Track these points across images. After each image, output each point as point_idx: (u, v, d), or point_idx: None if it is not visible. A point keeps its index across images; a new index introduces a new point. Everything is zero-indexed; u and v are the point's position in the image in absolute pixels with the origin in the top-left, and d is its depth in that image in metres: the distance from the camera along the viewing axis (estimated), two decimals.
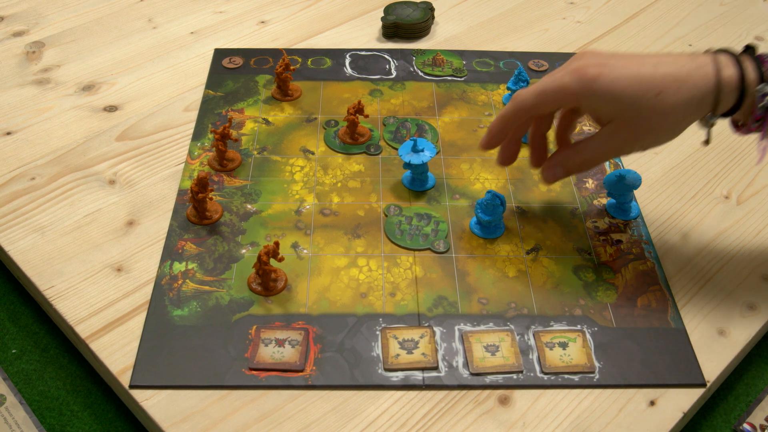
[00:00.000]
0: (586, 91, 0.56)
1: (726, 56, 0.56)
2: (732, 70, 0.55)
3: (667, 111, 0.55)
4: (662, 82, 0.54)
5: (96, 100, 0.82)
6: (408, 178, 0.71)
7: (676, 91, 0.54)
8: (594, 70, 0.56)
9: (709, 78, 0.54)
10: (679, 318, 0.60)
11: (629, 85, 0.55)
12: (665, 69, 0.55)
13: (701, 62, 0.55)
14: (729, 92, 0.55)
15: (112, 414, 0.59)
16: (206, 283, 0.62)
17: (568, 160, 0.61)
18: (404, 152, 0.69)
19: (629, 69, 0.55)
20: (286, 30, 0.94)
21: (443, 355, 0.57)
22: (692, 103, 0.55)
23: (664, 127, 0.56)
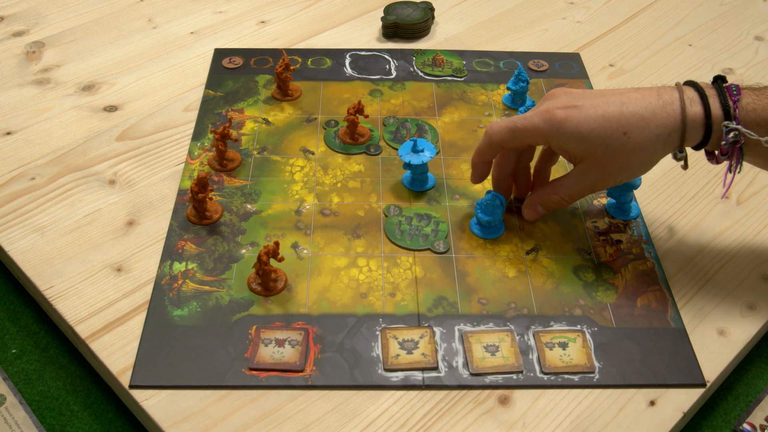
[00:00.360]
0: (555, 132, 0.59)
1: (692, 92, 0.57)
2: (698, 107, 0.56)
3: (635, 149, 0.57)
4: (628, 121, 0.56)
5: (96, 100, 0.82)
6: (408, 179, 0.71)
7: (643, 129, 0.56)
8: (562, 113, 0.58)
9: (675, 116, 0.56)
10: (679, 318, 0.60)
11: (597, 126, 0.57)
12: (632, 108, 0.57)
13: (667, 99, 0.56)
14: (695, 129, 0.56)
15: (112, 414, 0.59)
16: (206, 283, 0.62)
17: (545, 198, 0.64)
18: (404, 152, 0.69)
19: (596, 110, 0.57)
20: (286, 30, 0.94)
21: (443, 356, 0.57)
22: (659, 141, 0.57)
23: (633, 163, 0.58)
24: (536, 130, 0.59)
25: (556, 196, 0.63)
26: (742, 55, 0.91)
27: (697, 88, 0.57)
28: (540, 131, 0.59)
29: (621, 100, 0.57)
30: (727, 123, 0.55)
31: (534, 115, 0.60)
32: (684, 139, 0.57)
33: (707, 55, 0.91)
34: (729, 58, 0.91)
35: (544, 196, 0.64)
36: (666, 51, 0.92)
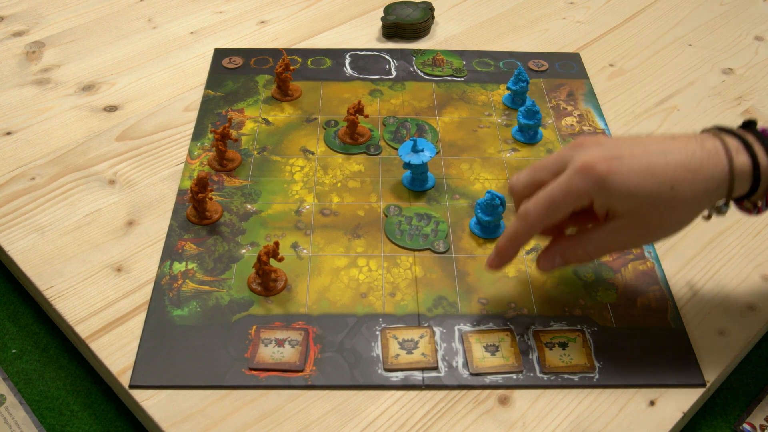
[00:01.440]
0: (599, 190, 0.51)
1: (734, 140, 0.52)
2: (744, 156, 0.51)
3: (682, 203, 0.52)
4: (675, 173, 0.51)
5: (96, 100, 0.82)
6: (408, 178, 0.71)
7: (691, 182, 0.51)
8: (603, 165, 0.51)
9: (722, 167, 0.51)
10: (679, 318, 0.60)
11: (643, 180, 0.51)
12: (676, 158, 0.51)
13: (711, 149, 0.52)
14: (743, 180, 0.52)
15: (112, 414, 0.59)
16: (206, 283, 0.62)
17: (568, 252, 0.56)
18: (404, 152, 0.69)
19: (640, 161, 0.51)
20: (286, 30, 0.94)
21: (443, 356, 0.57)
22: (707, 193, 0.52)
23: (677, 219, 0.53)
24: (578, 193, 0.52)
25: (582, 251, 0.55)
26: (742, 55, 0.91)
27: (736, 134, 0.53)
28: (583, 193, 0.52)
29: (662, 150, 0.52)
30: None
31: (571, 177, 0.52)
32: (731, 191, 0.52)
33: (707, 55, 0.91)
34: (729, 58, 0.91)
35: (568, 249, 0.56)
36: (666, 51, 0.92)
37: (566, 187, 0.52)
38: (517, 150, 0.76)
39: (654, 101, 0.84)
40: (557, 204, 0.53)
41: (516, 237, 0.56)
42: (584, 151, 0.53)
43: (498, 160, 0.75)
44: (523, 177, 0.56)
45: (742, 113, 0.82)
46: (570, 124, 0.79)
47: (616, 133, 0.78)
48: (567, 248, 0.56)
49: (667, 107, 0.83)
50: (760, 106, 0.83)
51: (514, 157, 0.75)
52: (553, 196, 0.53)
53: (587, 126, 0.79)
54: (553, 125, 0.79)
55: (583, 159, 0.52)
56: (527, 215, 0.54)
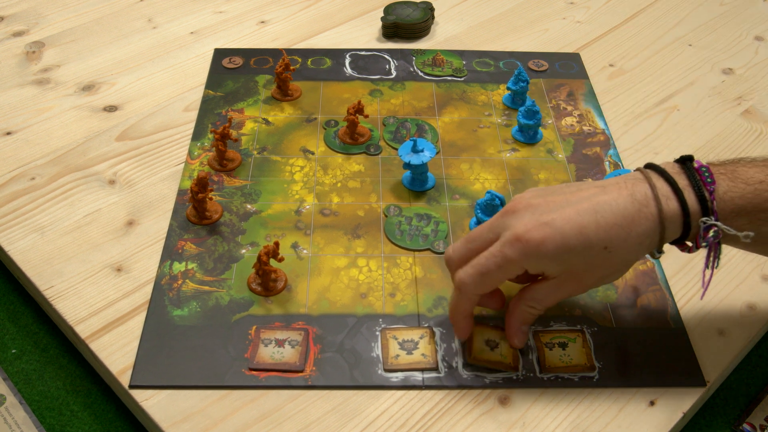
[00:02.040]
0: (532, 259, 0.52)
1: (664, 184, 0.52)
2: (673, 203, 0.51)
3: (615, 259, 0.52)
4: (607, 234, 0.51)
5: (96, 100, 0.82)
6: (408, 179, 0.71)
7: (624, 240, 0.51)
8: (535, 234, 0.51)
9: (653, 219, 0.51)
10: (679, 318, 0.60)
11: (576, 244, 0.51)
12: (607, 217, 0.51)
13: (641, 199, 0.51)
14: (673, 229, 0.52)
15: (112, 414, 0.59)
16: (206, 283, 0.62)
17: (524, 316, 0.56)
18: (404, 152, 0.69)
19: (571, 224, 0.51)
20: (286, 30, 0.94)
21: (443, 356, 0.57)
22: (640, 247, 0.52)
23: (612, 272, 0.54)
24: (511, 263, 0.52)
25: (534, 311, 0.56)
26: (742, 55, 0.91)
27: (667, 177, 0.52)
28: (516, 263, 0.52)
29: (593, 207, 0.51)
30: (705, 219, 0.51)
31: (503, 248, 0.52)
32: (663, 240, 0.52)
33: (707, 55, 0.91)
34: (729, 58, 0.91)
35: (523, 315, 0.56)
36: (666, 51, 0.92)
37: (499, 258, 0.52)
38: (517, 150, 0.76)
39: (654, 101, 0.84)
40: (491, 274, 0.53)
41: (457, 307, 0.56)
42: (516, 220, 0.52)
43: (498, 160, 0.74)
44: (459, 248, 0.55)
45: (742, 113, 0.82)
46: (570, 124, 0.79)
47: (616, 134, 0.78)
48: (521, 314, 0.56)
49: (667, 107, 0.83)
50: (760, 106, 0.83)
51: (514, 157, 0.75)
52: (487, 267, 0.53)
53: (587, 126, 0.79)
54: (553, 125, 0.79)
55: (515, 230, 0.52)
56: (463, 286, 0.54)
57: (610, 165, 0.74)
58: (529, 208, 0.53)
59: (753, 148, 0.77)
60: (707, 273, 0.54)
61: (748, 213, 0.51)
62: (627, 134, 0.79)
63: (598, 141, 0.77)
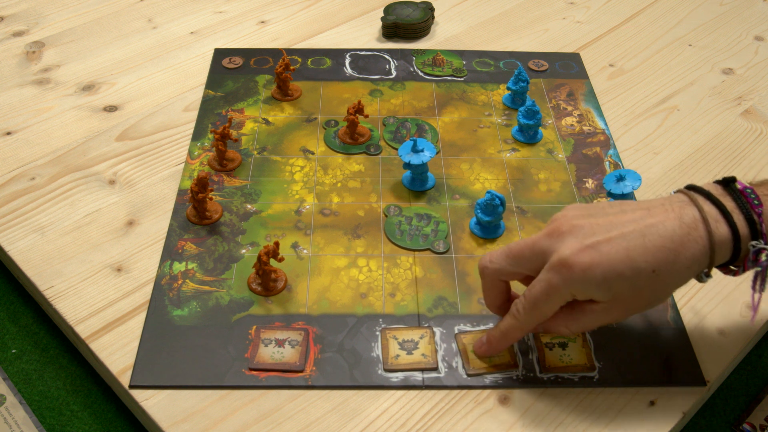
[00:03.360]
0: (579, 285, 0.50)
1: (712, 207, 0.51)
2: (723, 227, 0.50)
3: (664, 284, 0.51)
4: (656, 258, 0.50)
5: (96, 100, 0.82)
6: (408, 178, 0.71)
7: (672, 263, 0.50)
8: (580, 259, 0.50)
9: (702, 243, 0.50)
10: (679, 318, 0.60)
11: (624, 269, 0.50)
12: (655, 240, 0.50)
13: (690, 223, 0.50)
14: (722, 252, 0.51)
15: (112, 414, 0.59)
16: (206, 283, 0.62)
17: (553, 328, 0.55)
18: (404, 152, 0.69)
19: (617, 249, 0.50)
20: (286, 30, 0.94)
21: (443, 356, 0.57)
22: (689, 270, 0.51)
23: (661, 295, 0.53)
24: (561, 292, 0.51)
25: (566, 330, 0.54)
26: (742, 55, 0.91)
27: (714, 200, 0.51)
28: (565, 291, 0.51)
29: (640, 231, 0.50)
30: (755, 243, 0.50)
31: (549, 275, 0.51)
32: (713, 262, 0.51)
33: (707, 55, 0.91)
34: (729, 58, 0.91)
35: (554, 326, 0.55)
36: (666, 51, 0.92)
37: (546, 287, 0.51)
38: (517, 150, 0.76)
39: (654, 101, 0.84)
40: (541, 305, 0.52)
41: (507, 334, 0.55)
42: (560, 243, 0.51)
43: (498, 160, 0.75)
44: (497, 261, 0.55)
45: (742, 113, 0.82)
46: (570, 123, 0.79)
47: (616, 134, 0.78)
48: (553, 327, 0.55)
49: (667, 107, 0.83)
50: (760, 106, 0.83)
51: (514, 157, 0.75)
52: (536, 298, 0.52)
53: (587, 126, 0.79)
54: (553, 125, 0.79)
55: (560, 255, 0.51)
56: (517, 315, 0.54)
57: (610, 165, 0.74)
58: (573, 231, 0.51)
59: (753, 148, 0.77)
60: (756, 296, 0.53)
61: None
62: (627, 134, 0.79)
63: (598, 141, 0.77)
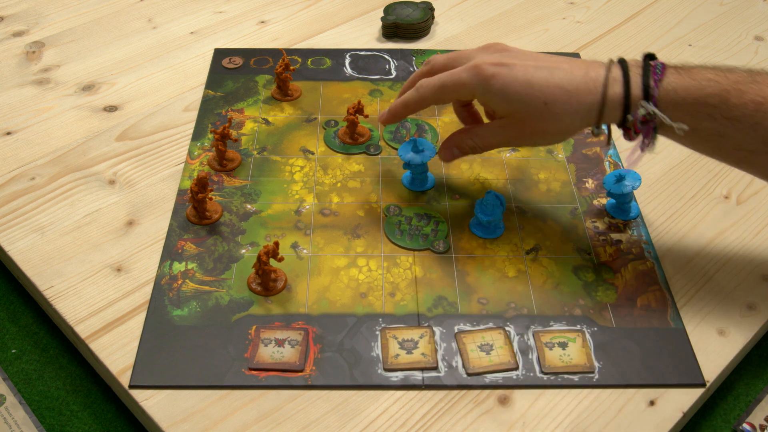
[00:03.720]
0: (481, 88, 0.59)
1: (618, 70, 0.57)
2: (618, 87, 0.56)
3: (553, 119, 0.58)
4: (551, 92, 0.57)
5: (96, 100, 0.82)
6: (408, 178, 0.71)
7: (564, 102, 0.57)
8: (491, 69, 0.58)
9: (596, 94, 0.57)
10: (679, 318, 0.60)
11: (521, 89, 0.58)
12: (557, 79, 0.57)
13: (593, 76, 0.57)
14: (613, 108, 0.57)
15: (112, 414, 0.59)
16: (206, 283, 0.62)
17: (462, 143, 0.65)
18: (404, 152, 0.69)
19: (524, 73, 0.58)
20: (286, 30, 0.94)
21: (443, 355, 0.57)
22: (577, 115, 0.58)
23: (549, 131, 0.60)
24: (464, 86, 0.60)
25: (471, 142, 0.64)
26: (742, 55, 0.91)
27: (624, 66, 0.57)
28: (467, 87, 0.60)
29: (550, 68, 0.58)
30: (643, 103, 0.55)
31: (463, 71, 0.60)
32: (601, 117, 0.57)
33: (707, 55, 0.91)
34: (729, 58, 0.91)
35: (461, 141, 0.64)
36: (666, 51, 0.92)
37: (456, 77, 0.60)
38: (517, 150, 0.76)
39: None
40: (446, 88, 0.61)
41: (408, 103, 0.65)
42: (483, 54, 0.61)
43: (498, 160, 0.74)
44: (441, 59, 0.64)
45: None
46: None
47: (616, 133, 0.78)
48: (460, 139, 0.65)
49: None
50: None
51: (514, 156, 0.75)
52: (444, 81, 0.61)
53: None
54: None
55: (477, 60, 0.60)
56: (421, 87, 0.63)
57: (610, 165, 0.74)
58: (500, 51, 0.61)
59: None
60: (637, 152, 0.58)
61: (688, 105, 0.55)
62: None
63: (598, 141, 0.77)
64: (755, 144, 0.55)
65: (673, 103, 0.55)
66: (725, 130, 0.55)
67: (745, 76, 0.54)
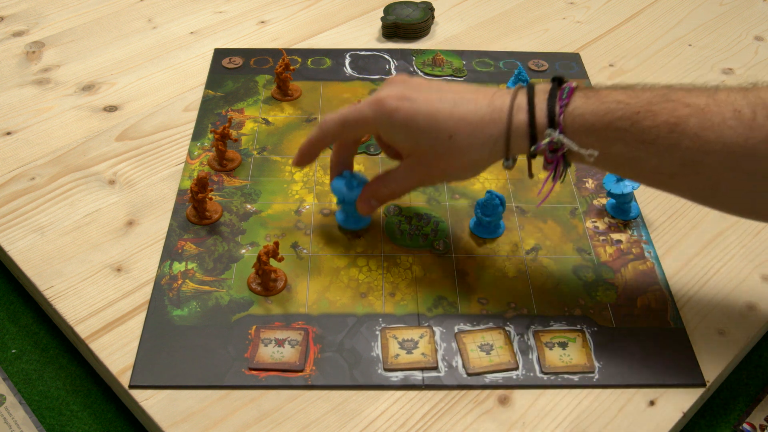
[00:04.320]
0: (384, 123, 0.57)
1: (523, 97, 0.54)
2: (523, 115, 0.54)
3: (459, 153, 0.56)
4: (455, 125, 0.55)
5: (96, 100, 0.82)
6: (341, 216, 0.66)
7: (468, 135, 0.55)
8: (393, 103, 0.56)
9: (500, 124, 0.54)
10: (679, 318, 0.60)
11: (425, 124, 0.56)
12: (461, 111, 0.55)
13: (498, 106, 0.55)
14: (519, 137, 0.54)
15: (112, 414, 0.59)
16: (206, 283, 0.62)
17: (377, 193, 0.62)
18: (337, 187, 0.64)
19: (428, 106, 0.56)
20: (286, 30, 0.94)
21: (443, 355, 0.57)
22: (485, 148, 0.55)
23: (458, 166, 0.57)
24: (366, 121, 0.58)
25: (387, 190, 0.62)
26: (742, 55, 0.91)
27: (530, 93, 0.54)
28: (369, 122, 0.58)
29: (454, 100, 0.56)
30: (549, 131, 0.53)
31: (365, 105, 0.58)
32: (509, 148, 0.55)
33: (707, 55, 0.91)
34: (729, 58, 0.91)
35: (376, 191, 0.62)
36: (666, 51, 0.92)
37: (358, 112, 0.59)
38: None
39: None
40: (348, 123, 0.60)
41: (311, 141, 0.63)
42: (387, 87, 0.59)
43: None
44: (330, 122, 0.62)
45: None
46: None
47: None
48: (375, 190, 0.62)
49: None
50: None
51: None
52: (347, 116, 0.60)
53: None
54: None
55: (380, 94, 0.58)
56: (324, 124, 0.61)
57: None
58: (402, 83, 0.59)
59: None
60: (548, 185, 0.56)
61: (597, 131, 0.52)
62: None
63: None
64: (673, 167, 0.51)
65: (582, 128, 0.52)
66: (639, 154, 0.51)
67: (660, 96, 0.51)
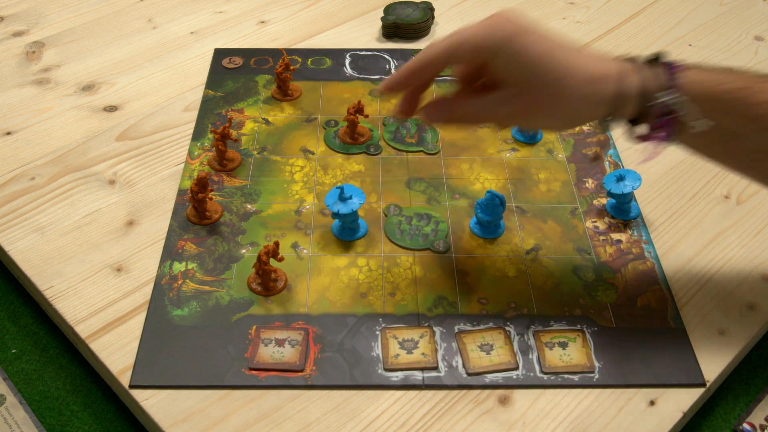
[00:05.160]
0: (499, 46, 0.53)
1: (632, 65, 0.54)
2: (636, 78, 0.53)
3: (564, 99, 0.53)
4: (566, 70, 0.53)
5: (96, 100, 0.82)
6: (337, 228, 0.67)
7: (578, 84, 0.53)
8: (511, 27, 0.53)
9: (610, 84, 0.53)
10: (679, 318, 0.60)
11: (539, 57, 0.53)
12: (576, 59, 0.53)
13: (612, 65, 0.54)
14: (628, 99, 0.53)
15: (112, 414, 0.59)
16: (206, 283, 0.62)
17: (455, 108, 0.57)
18: (331, 201, 0.64)
19: (546, 45, 0.53)
20: (286, 30, 0.94)
21: (443, 355, 0.57)
22: (588, 102, 0.53)
23: (558, 112, 0.55)
24: (483, 41, 0.53)
25: (465, 110, 0.57)
26: (742, 55, 0.91)
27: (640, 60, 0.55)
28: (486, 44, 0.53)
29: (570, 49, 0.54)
30: (660, 94, 0.52)
31: (483, 23, 0.54)
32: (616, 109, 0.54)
33: (707, 55, 0.91)
34: (729, 58, 0.91)
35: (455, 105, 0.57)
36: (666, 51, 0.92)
37: (475, 31, 0.54)
38: (517, 150, 0.76)
39: None
40: (462, 44, 0.54)
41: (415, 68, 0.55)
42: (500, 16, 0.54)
43: (498, 160, 0.75)
44: None
45: None
46: None
47: (616, 133, 0.78)
48: (455, 104, 0.57)
49: None
50: None
51: (514, 156, 0.75)
52: (462, 36, 0.54)
53: (587, 126, 0.79)
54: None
55: (495, 19, 0.54)
56: (431, 49, 0.55)
57: (610, 165, 0.74)
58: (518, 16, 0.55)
59: None
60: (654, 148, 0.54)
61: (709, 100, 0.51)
62: None
63: (598, 141, 0.77)
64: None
65: (695, 95, 0.52)
66: (743, 130, 0.52)
67: (760, 77, 0.52)
